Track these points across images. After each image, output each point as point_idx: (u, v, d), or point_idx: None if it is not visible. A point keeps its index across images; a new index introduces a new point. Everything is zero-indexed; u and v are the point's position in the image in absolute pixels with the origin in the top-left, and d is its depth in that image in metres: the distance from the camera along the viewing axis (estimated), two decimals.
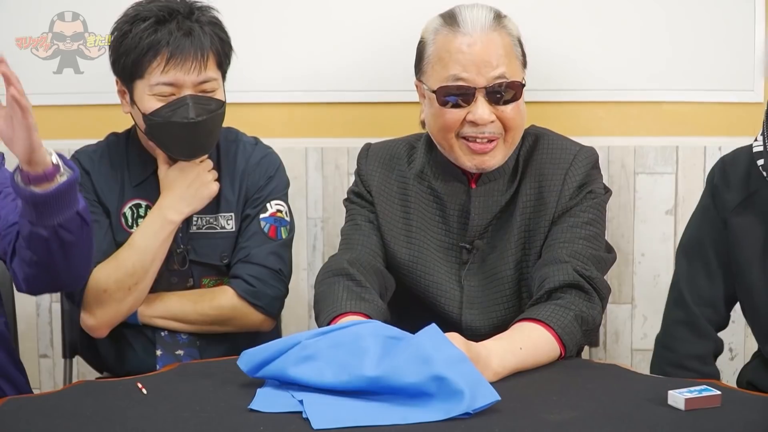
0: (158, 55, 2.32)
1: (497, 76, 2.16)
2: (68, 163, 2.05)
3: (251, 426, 1.71)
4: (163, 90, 2.33)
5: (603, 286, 2.16)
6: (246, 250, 2.48)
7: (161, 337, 2.48)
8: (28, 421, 1.76)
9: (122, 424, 1.74)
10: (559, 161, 2.24)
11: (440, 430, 1.68)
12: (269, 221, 2.49)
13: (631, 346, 3.05)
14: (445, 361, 1.76)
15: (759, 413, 1.76)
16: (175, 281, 2.50)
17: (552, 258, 2.15)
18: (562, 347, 2.02)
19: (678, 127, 2.99)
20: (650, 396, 1.81)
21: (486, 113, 2.16)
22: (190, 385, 1.92)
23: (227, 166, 2.51)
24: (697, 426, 1.70)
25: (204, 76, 2.35)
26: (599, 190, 2.26)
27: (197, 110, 2.33)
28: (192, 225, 2.48)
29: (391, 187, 2.32)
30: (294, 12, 3.00)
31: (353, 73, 3.01)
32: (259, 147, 2.56)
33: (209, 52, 2.36)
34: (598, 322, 2.14)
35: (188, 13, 2.37)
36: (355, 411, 1.74)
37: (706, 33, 2.93)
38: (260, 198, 2.50)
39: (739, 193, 2.23)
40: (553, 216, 2.21)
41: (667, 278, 2.98)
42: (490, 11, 2.21)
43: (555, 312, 2.04)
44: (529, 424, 1.71)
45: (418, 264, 2.27)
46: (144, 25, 2.33)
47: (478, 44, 2.16)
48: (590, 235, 2.20)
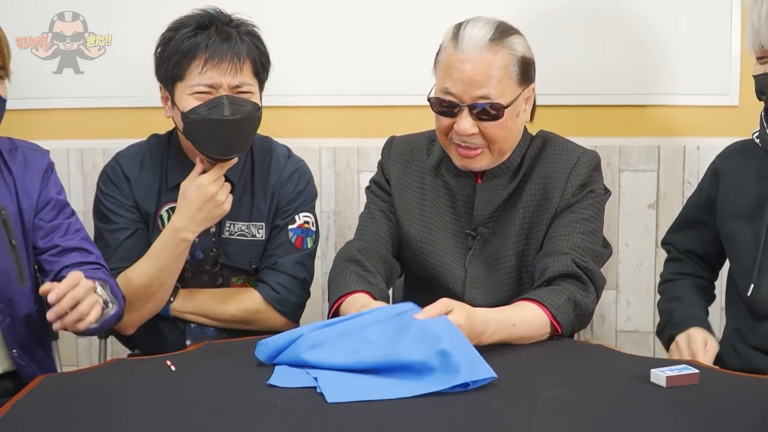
0: (197, 57, 2.26)
1: (480, 96, 2.11)
2: (116, 295, 2.07)
3: (270, 400, 1.70)
4: (201, 90, 2.26)
5: (599, 277, 2.15)
6: (274, 258, 2.43)
7: (191, 328, 2.44)
8: (65, 396, 1.76)
9: (152, 397, 1.74)
10: (564, 162, 2.23)
11: (442, 403, 1.68)
12: (297, 232, 2.45)
13: (615, 328, 3.04)
14: (448, 339, 1.78)
15: (735, 391, 1.75)
16: (205, 279, 2.45)
17: (553, 249, 2.15)
18: (557, 324, 2.03)
19: (659, 129, 2.98)
20: (634, 374, 1.81)
21: (468, 126, 2.13)
22: (215, 362, 1.91)
23: (261, 178, 2.44)
24: (677, 401, 1.68)
25: (239, 80, 2.28)
26: (599, 190, 2.25)
27: (232, 109, 2.26)
28: (225, 231, 2.42)
29: (410, 177, 2.31)
30: (309, 28, 2.98)
31: (363, 80, 2.98)
32: (291, 160, 2.49)
33: (245, 58, 2.29)
34: (591, 309, 2.13)
35: (227, 21, 2.32)
36: (365, 386, 1.74)
37: (685, 43, 2.91)
38: (290, 210, 2.44)
39: (734, 158, 2.26)
40: (555, 210, 2.20)
41: (649, 266, 2.98)
42: (491, 29, 2.13)
43: (549, 294, 2.06)
44: (524, 399, 1.70)
45: (429, 246, 2.26)
46: (185, 30, 2.28)
47: (468, 63, 2.11)
48: (589, 230, 2.19)
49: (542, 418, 1.61)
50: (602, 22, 2.93)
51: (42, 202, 2.18)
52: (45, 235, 2.17)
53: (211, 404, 1.68)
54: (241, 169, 2.41)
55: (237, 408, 1.67)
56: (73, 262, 2.16)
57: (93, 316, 1.88)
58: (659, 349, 2.99)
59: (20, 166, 2.18)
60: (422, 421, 1.61)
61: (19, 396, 1.76)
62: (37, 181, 2.18)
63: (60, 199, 2.22)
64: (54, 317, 1.86)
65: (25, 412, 1.67)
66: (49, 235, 2.17)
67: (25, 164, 2.18)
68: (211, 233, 2.40)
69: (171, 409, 1.67)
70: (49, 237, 2.17)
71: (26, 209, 2.15)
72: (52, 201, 2.19)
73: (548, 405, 1.67)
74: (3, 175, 2.15)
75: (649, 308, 3.01)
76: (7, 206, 2.12)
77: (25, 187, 2.16)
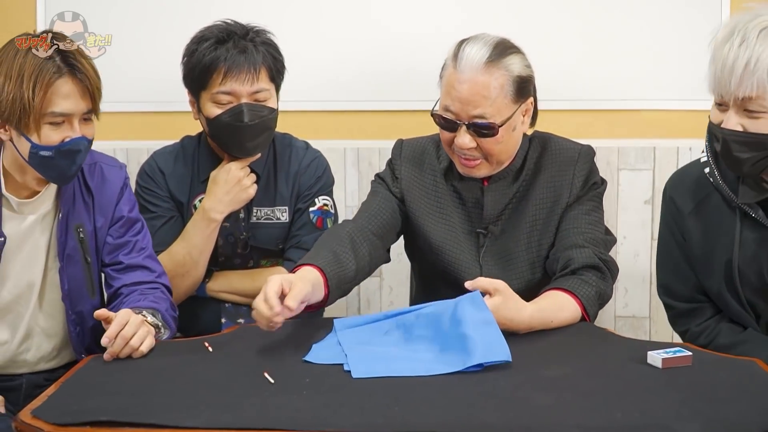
0: (217, 69, 2.33)
1: (476, 115, 2.10)
2: (167, 320, 2.04)
3: (298, 377, 1.73)
4: (222, 98, 2.34)
5: (614, 267, 2.17)
6: (298, 237, 2.48)
7: (225, 308, 2.49)
8: (109, 376, 1.78)
9: (192, 376, 1.76)
10: (567, 159, 2.23)
11: (457, 378, 1.71)
12: (317, 213, 2.50)
13: (614, 313, 3.04)
14: (473, 323, 1.82)
15: (725, 371, 1.76)
16: (238, 262, 2.51)
17: (572, 243, 2.15)
18: (586, 316, 2.05)
19: (655, 131, 2.98)
20: (632, 356, 1.81)
21: (466, 141, 2.12)
22: (249, 343, 1.93)
23: (282, 167, 2.50)
24: (672, 381, 1.69)
25: (257, 87, 2.35)
26: (599, 182, 2.27)
27: (250, 116, 2.34)
28: (252, 216, 2.48)
29: (423, 177, 2.30)
30: (336, 37, 2.98)
31: (383, 86, 2.99)
32: (309, 151, 2.55)
33: (261, 67, 2.36)
34: (609, 297, 2.15)
35: (244, 34, 2.38)
36: (389, 363, 1.78)
37: (678, 50, 2.91)
38: (310, 194, 2.50)
39: (691, 200, 2.09)
40: (566, 205, 2.21)
41: (645, 257, 2.99)
42: (489, 49, 2.10)
43: (580, 285, 2.07)
44: (528, 378, 1.72)
45: (445, 245, 2.26)
46: (206, 44, 2.35)
47: (465, 84, 2.09)
48: (595, 221, 2.21)
49: (547, 396, 1.62)
50: (601, 33, 2.94)
51: (114, 219, 2.18)
52: (111, 251, 2.18)
53: (244, 382, 1.71)
54: (265, 161, 2.48)
55: (268, 385, 1.69)
56: (134, 281, 2.15)
57: (145, 347, 1.86)
58: (654, 333, 3.01)
59: (98, 183, 2.17)
60: (436, 397, 1.63)
61: (68, 375, 1.78)
62: (113, 199, 2.18)
63: (130, 217, 2.21)
64: (110, 358, 1.84)
65: (70, 391, 1.70)
66: (115, 251, 2.18)
67: (103, 181, 2.18)
68: (241, 218, 2.47)
69: (207, 386, 1.69)
70: (114, 253, 2.18)
71: (100, 227, 2.16)
72: (123, 218, 2.19)
73: (553, 384, 1.68)
74: (83, 193, 2.14)
75: (644, 295, 3.01)
76: (84, 224, 2.13)
77: (101, 204, 2.16)
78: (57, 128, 1.98)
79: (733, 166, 1.94)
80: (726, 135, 1.89)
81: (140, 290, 2.13)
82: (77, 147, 2.01)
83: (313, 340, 1.92)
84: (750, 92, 1.83)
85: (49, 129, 1.98)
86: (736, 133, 1.88)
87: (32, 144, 1.97)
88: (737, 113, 1.87)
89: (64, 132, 1.99)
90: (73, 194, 2.13)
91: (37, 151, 1.98)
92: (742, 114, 1.87)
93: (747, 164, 1.90)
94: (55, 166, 2.01)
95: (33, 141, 1.97)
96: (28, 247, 2.10)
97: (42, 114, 1.96)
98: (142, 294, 2.12)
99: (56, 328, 2.15)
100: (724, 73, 1.84)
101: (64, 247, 2.10)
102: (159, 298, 2.13)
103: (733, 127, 1.87)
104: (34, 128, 1.96)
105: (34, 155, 1.98)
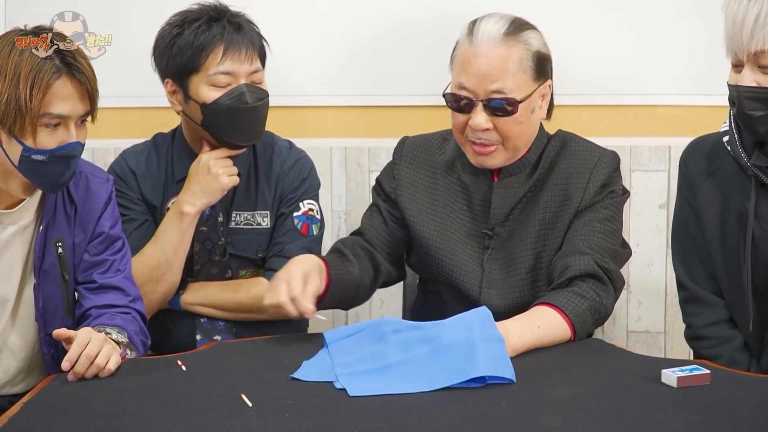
0: (215, 48, 2.33)
1: (494, 90, 2.11)
2: (133, 341, 2.04)
3: (281, 398, 1.72)
4: (221, 80, 2.34)
5: (618, 278, 2.15)
6: (281, 245, 2.47)
7: (200, 323, 2.48)
8: (74, 396, 1.77)
9: (163, 397, 1.75)
10: (585, 162, 2.22)
11: (455, 398, 1.70)
12: (302, 219, 2.49)
13: (627, 328, 3.04)
14: (482, 336, 1.83)
15: (746, 391, 1.76)
16: (215, 272, 2.49)
17: (573, 249, 2.14)
18: (572, 332, 2.02)
19: (670, 129, 2.98)
20: (645, 374, 1.81)
21: (482, 122, 2.13)
22: (226, 362, 1.92)
23: (264, 168, 2.50)
24: (689, 402, 1.69)
25: (255, 67, 2.37)
26: (619, 191, 2.25)
27: (252, 97, 2.35)
28: (231, 221, 2.47)
29: (422, 177, 2.31)
30: (320, 27, 2.99)
31: (372, 80, 2.99)
32: (293, 151, 2.55)
33: (256, 46, 2.39)
34: (609, 311, 2.13)
35: (234, 14, 2.41)
36: (387, 380, 1.78)
37: (695, 44, 2.91)
38: (294, 198, 2.49)
39: (706, 164, 2.17)
40: (576, 210, 2.20)
41: (659, 266, 2.99)
42: (506, 23, 2.13)
43: (571, 300, 2.04)
44: (534, 398, 1.71)
45: (443, 247, 2.26)
46: (196, 24, 2.35)
47: (482, 57, 2.11)
48: (609, 231, 2.19)
49: (554, 417, 1.62)
50: (613, 22, 2.94)
51: (94, 235, 2.17)
52: (86, 269, 2.16)
53: (221, 404, 1.70)
54: (245, 160, 2.47)
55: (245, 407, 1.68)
56: (106, 303, 2.13)
57: (112, 364, 1.86)
58: (670, 349, 3.00)
59: (83, 195, 2.16)
60: (433, 420, 1.62)
61: (30, 396, 1.77)
62: (96, 213, 2.17)
63: (111, 234, 2.19)
64: (74, 379, 1.83)
65: (34, 412, 1.69)
66: (90, 269, 2.16)
67: (87, 193, 2.16)
68: (219, 222, 2.46)
69: (180, 408, 1.68)
70: (89, 271, 2.16)
71: (79, 243, 2.15)
72: (103, 235, 2.17)
73: (560, 404, 1.68)
74: (65, 204, 2.13)
75: (659, 308, 3.01)
76: (64, 238, 2.11)
77: (83, 219, 2.15)
78: (53, 131, 1.98)
79: (748, 126, 2.01)
80: (741, 92, 1.97)
81: (110, 314, 2.11)
82: (73, 152, 2.01)
83: (297, 357, 1.91)
84: (762, 45, 1.92)
85: (44, 132, 1.97)
86: (750, 89, 1.95)
87: (24, 147, 1.96)
88: (752, 70, 1.96)
89: (59, 136, 1.99)
90: (54, 205, 2.11)
91: (29, 155, 1.97)
92: (756, 71, 1.96)
93: (762, 124, 1.97)
94: (46, 172, 2.00)
95: (26, 144, 1.96)
96: (5, 260, 2.08)
97: (39, 116, 1.95)
98: (111, 318, 2.10)
99: (27, 349, 2.14)
100: (735, 28, 1.95)
101: (41, 262, 2.09)
102: (128, 320, 2.11)
103: (748, 83, 1.96)
104: (30, 131, 1.95)
105: (26, 159, 1.97)
